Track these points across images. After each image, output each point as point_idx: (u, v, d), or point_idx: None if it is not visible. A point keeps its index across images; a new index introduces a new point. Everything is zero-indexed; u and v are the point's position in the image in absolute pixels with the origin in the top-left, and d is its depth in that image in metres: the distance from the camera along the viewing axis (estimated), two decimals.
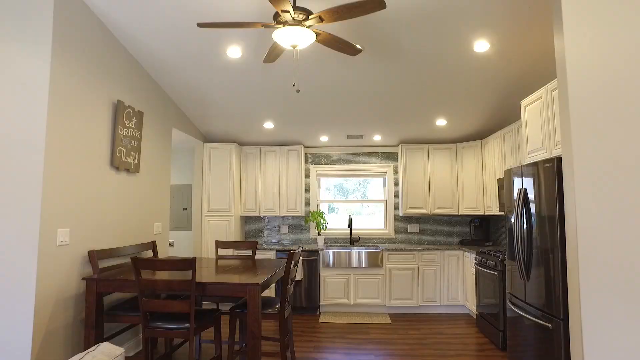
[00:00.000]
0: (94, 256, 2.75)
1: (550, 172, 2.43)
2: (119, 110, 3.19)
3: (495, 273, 3.57)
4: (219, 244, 3.84)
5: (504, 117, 4.42)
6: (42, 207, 2.40)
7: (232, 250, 4.95)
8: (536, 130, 2.95)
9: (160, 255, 3.89)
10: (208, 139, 5.33)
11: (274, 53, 2.79)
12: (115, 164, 3.16)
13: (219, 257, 3.79)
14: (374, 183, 5.68)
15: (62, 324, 2.56)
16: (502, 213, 4.20)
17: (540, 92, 2.88)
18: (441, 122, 4.64)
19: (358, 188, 5.70)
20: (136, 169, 3.47)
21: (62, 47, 2.58)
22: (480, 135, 5.04)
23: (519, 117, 4.26)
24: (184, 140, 5.11)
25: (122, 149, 3.26)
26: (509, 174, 3.12)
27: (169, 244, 5.80)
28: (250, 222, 5.64)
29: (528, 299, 2.71)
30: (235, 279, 2.60)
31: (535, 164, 2.62)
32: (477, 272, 4.10)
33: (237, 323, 3.53)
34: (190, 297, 2.41)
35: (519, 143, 3.83)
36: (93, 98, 2.92)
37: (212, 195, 5.11)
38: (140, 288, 2.43)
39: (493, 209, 4.52)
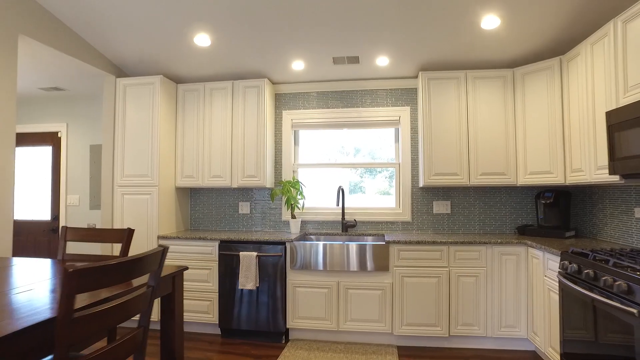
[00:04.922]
0: None
1: None
2: None
3: (635, 311, 1.59)
4: (69, 233, 2.08)
5: (610, 2, 2.35)
6: None
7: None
8: None
9: None
10: (125, 71, 3.53)
11: None
12: None
13: (66, 257, 2.03)
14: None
15: None
16: (616, 179, 2.19)
17: None
18: (491, 20, 2.61)
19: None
20: None
21: None
22: (559, 47, 2.96)
23: None
24: (90, 73, 3.33)
25: None
26: None
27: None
28: (198, 196, 3.85)
29: None
30: None
31: None
32: (564, 292, 2.15)
33: None
34: None
35: None
36: None
37: (127, 157, 3.35)
38: None
39: (586, 172, 2.50)
